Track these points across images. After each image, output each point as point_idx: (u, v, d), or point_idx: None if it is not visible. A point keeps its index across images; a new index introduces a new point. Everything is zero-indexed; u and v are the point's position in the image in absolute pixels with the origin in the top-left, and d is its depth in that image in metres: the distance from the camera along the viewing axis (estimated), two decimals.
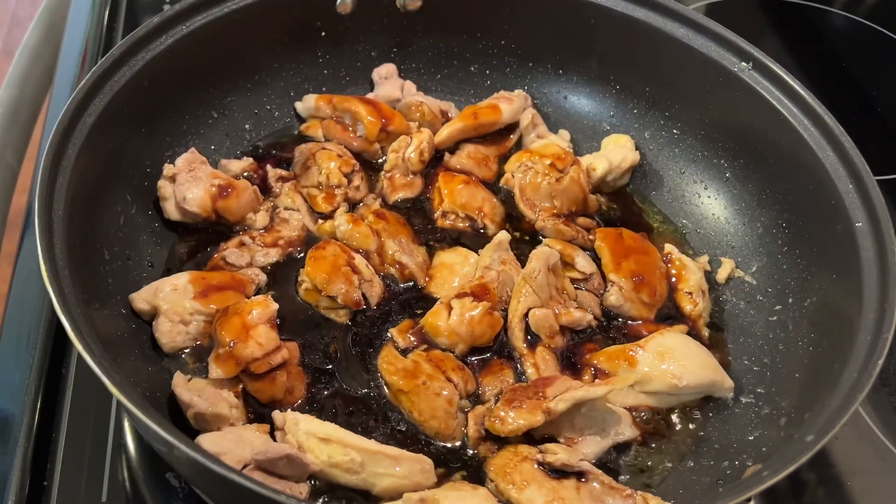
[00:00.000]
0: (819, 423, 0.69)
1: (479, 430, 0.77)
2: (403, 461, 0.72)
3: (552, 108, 1.08)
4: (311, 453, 0.71)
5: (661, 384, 0.81)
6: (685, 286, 0.92)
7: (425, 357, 0.81)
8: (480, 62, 1.09)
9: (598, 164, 1.00)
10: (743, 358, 0.88)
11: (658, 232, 1.00)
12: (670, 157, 1.03)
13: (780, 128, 0.91)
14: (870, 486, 0.84)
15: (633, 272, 0.90)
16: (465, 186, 0.98)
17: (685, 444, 0.81)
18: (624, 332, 0.88)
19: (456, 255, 0.92)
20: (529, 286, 0.84)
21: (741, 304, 0.92)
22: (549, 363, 0.83)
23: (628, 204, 1.02)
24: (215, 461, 0.60)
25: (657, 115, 1.04)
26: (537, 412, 0.75)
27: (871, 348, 0.73)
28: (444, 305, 0.84)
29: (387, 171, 0.99)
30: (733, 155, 0.98)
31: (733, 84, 0.94)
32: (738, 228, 0.97)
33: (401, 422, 0.79)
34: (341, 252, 0.87)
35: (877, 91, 1.28)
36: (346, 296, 0.84)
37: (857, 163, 0.84)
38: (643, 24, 0.99)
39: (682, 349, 0.83)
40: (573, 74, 1.07)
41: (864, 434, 0.87)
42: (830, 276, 0.85)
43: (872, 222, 0.81)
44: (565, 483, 0.72)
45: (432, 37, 1.08)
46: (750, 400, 0.83)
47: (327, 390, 0.80)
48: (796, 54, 1.30)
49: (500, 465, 0.74)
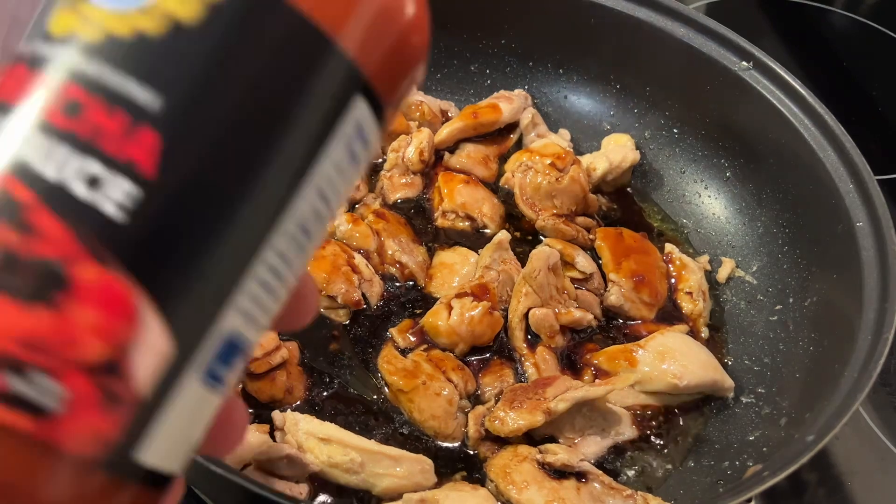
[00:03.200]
0: (819, 423, 0.69)
1: (479, 431, 0.77)
2: (403, 461, 0.72)
3: (552, 107, 1.08)
4: (310, 453, 0.71)
5: (661, 384, 0.81)
6: (685, 286, 0.92)
7: (425, 357, 0.81)
8: (480, 61, 1.09)
9: (599, 164, 0.99)
10: (743, 358, 0.88)
11: (658, 231, 1.00)
12: (670, 157, 1.03)
13: (780, 127, 0.91)
14: (870, 487, 0.84)
15: (633, 272, 0.90)
16: (465, 186, 0.97)
17: (685, 444, 0.81)
18: (624, 331, 0.88)
19: (456, 254, 0.92)
20: (530, 286, 0.84)
21: (741, 303, 0.92)
22: (550, 363, 0.83)
23: (628, 203, 1.02)
24: (215, 462, 0.59)
25: (657, 114, 1.04)
26: (537, 412, 0.75)
27: (871, 348, 0.72)
28: (443, 305, 0.83)
29: (386, 171, 0.99)
30: (733, 154, 0.98)
31: (733, 84, 0.94)
32: (739, 228, 0.97)
33: (401, 422, 0.79)
34: (341, 252, 0.87)
35: (877, 91, 1.28)
36: (346, 296, 0.84)
37: (858, 162, 0.84)
38: (644, 24, 0.98)
39: (682, 349, 0.83)
40: (573, 74, 1.07)
41: (864, 434, 0.87)
42: (831, 275, 0.85)
43: (873, 222, 0.81)
44: (566, 483, 0.72)
45: (433, 36, 1.07)
46: (750, 400, 0.83)
47: (327, 390, 0.80)
48: (797, 54, 1.30)
49: (501, 465, 0.74)
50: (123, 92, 0.26)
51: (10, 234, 0.25)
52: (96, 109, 0.26)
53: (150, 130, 0.26)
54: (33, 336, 0.24)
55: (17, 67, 0.27)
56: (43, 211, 0.25)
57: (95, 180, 0.25)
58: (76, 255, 0.25)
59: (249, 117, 0.27)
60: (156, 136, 0.26)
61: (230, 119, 0.27)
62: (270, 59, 0.27)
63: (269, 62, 0.27)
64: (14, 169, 0.25)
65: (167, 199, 0.26)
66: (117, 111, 0.25)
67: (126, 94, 0.26)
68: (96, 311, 0.25)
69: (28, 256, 0.25)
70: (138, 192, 0.25)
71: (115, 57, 0.26)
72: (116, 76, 0.26)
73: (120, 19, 0.26)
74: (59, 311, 0.24)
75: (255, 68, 0.27)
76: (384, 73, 0.30)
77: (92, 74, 0.26)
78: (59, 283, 0.25)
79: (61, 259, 0.25)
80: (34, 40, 0.27)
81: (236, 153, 0.27)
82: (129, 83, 0.26)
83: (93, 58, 0.26)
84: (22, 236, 0.25)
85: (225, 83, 0.27)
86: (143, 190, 0.25)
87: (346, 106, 0.29)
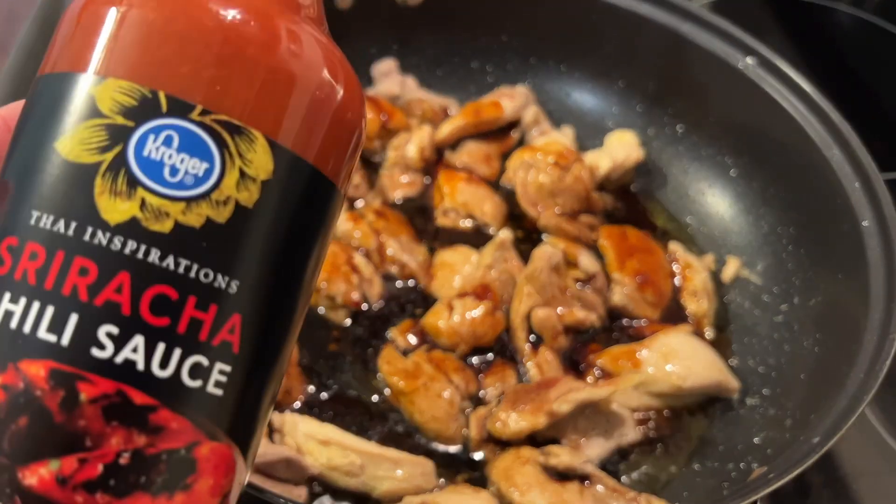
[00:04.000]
0: (825, 425, 0.68)
1: (480, 433, 0.77)
2: (404, 464, 0.71)
3: (555, 104, 1.07)
4: (310, 456, 0.70)
5: (665, 385, 0.80)
6: (690, 285, 0.91)
7: (426, 358, 0.80)
8: (482, 58, 1.08)
9: (602, 162, 0.99)
10: (748, 358, 0.87)
11: (662, 230, 0.99)
12: (674, 155, 1.02)
13: (785, 125, 0.90)
14: (876, 488, 0.83)
15: (637, 271, 0.89)
16: (466, 184, 0.97)
17: (690, 446, 0.80)
18: (628, 332, 0.88)
19: (457, 254, 0.91)
20: (532, 286, 0.83)
21: (746, 303, 0.91)
22: (552, 364, 0.82)
23: (632, 202, 1.01)
24: None
25: (661, 112, 1.03)
26: (540, 414, 0.74)
27: (877, 349, 0.72)
28: (444, 305, 0.83)
29: (387, 169, 0.98)
30: (738, 152, 0.98)
31: (737, 81, 0.94)
32: (743, 227, 0.96)
33: (401, 424, 0.78)
34: (341, 251, 0.86)
35: (883, 88, 1.27)
36: (346, 296, 0.84)
37: (864, 161, 0.84)
38: (647, 20, 0.98)
39: (686, 350, 0.82)
40: (576, 71, 1.06)
41: (870, 436, 0.86)
42: (836, 275, 0.84)
43: (879, 221, 0.80)
44: (569, 486, 0.71)
45: (433, 33, 1.07)
46: (755, 401, 0.82)
47: (327, 391, 0.79)
48: (802, 51, 1.29)
49: (503, 467, 0.73)
50: (212, 285, 0.28)
51: (140, 438, 0.27)
52: (191, 306, 0.28)
53: (236, 315, 0.29)
54: None
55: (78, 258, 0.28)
56: (163, 410, 0.28)
57: (201, 369, 0.28)
58: (196, 439, 0.28)
59: (292, 271, 0.31)
60: (239, 316, 0.29)
61: (283, 281, 0.31)
62: (299, 209, 0.31)
63: (298, 212, 0.31)
64: (125, 376, 0.27)
65: (248, 365, 0.30)
66: (211, 305, 0.29)
67: (214, 286, 0.28)
68: (214, 478, 0.29)
69: (159, 454, 0.27)
70: (231, 368, 0.29)
71: (195, 250, 0.28)
72: (203, 271, 0.28)
73: (186, 209, 0.28)
74: (190, 490, 0.28)
75: (293, 223, 0.31)
76: (342, 165, 0.34)
77: (180, 272, 0.28)
78: (188, 469, 0.28)
79: (185, 448, 0.28)
80: (85, 225, 0.28)
81: (283, 303, 0.31)
82: (215, 276, 0.29)
83: (172, 252, 0.28)
84: (150, 437, 0.27)
85: (280, 252, 0.30)
86: (233, 364, 0.29)
87: (331, 207, 0.34)
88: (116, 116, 0.28)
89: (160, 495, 0.27)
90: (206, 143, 0.29)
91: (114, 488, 0.26)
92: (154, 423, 0.27)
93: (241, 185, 0.29)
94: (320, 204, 0.32)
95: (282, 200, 0.30)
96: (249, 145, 0.29)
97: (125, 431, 0.27)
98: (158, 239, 0.28)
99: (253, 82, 0.30)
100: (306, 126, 0.31)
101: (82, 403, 0.26)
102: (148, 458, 0.27)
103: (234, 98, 0.29)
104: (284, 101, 0.30)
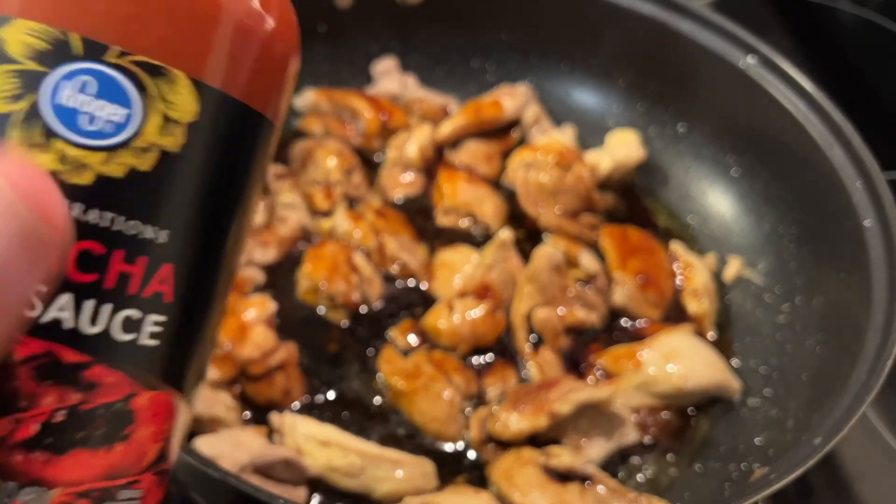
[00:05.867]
0: (827, 426, 0.68)
1: (481, 433, 0.76)
2: (404, 465, 0.71)
3: (556, 103, 1.07)
4: (309, 457, 0.70)
5: (667, 386, 0.80)
6: (691, 285, 0.90)
7: (426, 358, 0.80)
8: (483, 57, 1.08)
9: (603, 161, 0.98)
10: (750, 359, 0.87)
11: (664, 230, 0.98)
12: (676, 154, 1.02)
13: (786, 124, 0.90)
14: (878, 489, 0.83)
15: (638, 271, 0.89)
16: (466, 183, 0.96)
17: (691, 446, 0.80)
18: (629, 332, 0.87)
19: (457, 253, 0.91)
20: (532, 286, 0.83)
21: (748, 303, 0.91)
22: (553, 364, 0.82)
23: (633, 201, 1.01)
24: (212, 465, 0.59)
25: (662, 111, 1.03)
26: (541, 415, 0.74)
27: (879, 348, 0.72)
28: (445, 305, 0.82)
29: (387, 168, 0.98)
30: (739, 152, 0.97)
31: (739, 80, 0.94)
32: (745, 227, 0.96)
33: (401, 424, 0.78)
34: (341, 251, 0.86)
35: (885, 87, 1.27)
36: (346, 295, 0.83)
37: (866, 160, 0.83)
38: (648, 19, 0.98)
39: (688, 350, 0.82)
40: (577, 70, 1.06)
41: (872, 437, 0.86)
42: (838, 274, 0.84)
43: (881, 220, 0.80)
44: (570, 487, 0.71)
45: (433, 31, 1.07)
46: (757, 402, 0.82)
47: (326, 392, 0.79)
48: (803, 50, 1.29)
49: (503, 468, 0.73)
50: (139, 237, 0.27)
51: (75, 395, 0.27)
52: (118, 260, 0.27)
53: (168, 265, 0.28)
54: (114, 469, 0.27)
55: None
56: (97, 366, 0.27)
57: (133, 322, 0.28)
58: (132, 390, 0.28)
59: (225, 213, 0.30)
60: (171, 266, 0.28)
61: (216, 224, 0.30)
62: (230, 150, 0.30)
63: (228, 153, 0.30)
64: (54, 334, 0.27)
65: (182, 313, 0.29)
66: (140, 258, 0.27)
67: (142, 237, 0.27)
68: (154, 425, 0.28)
69: (94, 409, 0.27)
70: (164, 317, 0.28)
71: (120, 202, 0.27)
72: (129, 222, 0.27)
73: (107, 159, 0.27)
74: (129, 440, 0.28)
75: (224, 164, 0.30)
76: (274, 98, 0.33)
77: (104, 225, 0.27)
78: (125, 421, 0.28)
79: (122, 400, 0.27)
80: None
81: (217, 248, 0.30)
82: (142, 227, 0.27)
83: (96, 205, 0.27)
84: (84, 393, 0.27)
85: (211, 195, 0.29)
86: (167, 313, 0.28)
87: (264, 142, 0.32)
88: (27, 61, 0.26)
89: (100, 448, 0.27)
90: (124, 88, 0.27)
91: (52, 445, 0.26)
92: (88, 379, 0.27)
93: (165, 129, 0.27)
94: (252, 141, 0.30)
95: (210, 142, 0.29)
96: (171, 87, 0.27)
97: (59, 390, 0.26)
98: (80, 192, 0.26)
99: (172, 18, 0.28)
100: (233, 61, 0.29)
101: (13, 364, 0.26)
102: (84, 414, 0.26)
103: (152, 36, 0.27)
104: (208, 36, 0.28)
